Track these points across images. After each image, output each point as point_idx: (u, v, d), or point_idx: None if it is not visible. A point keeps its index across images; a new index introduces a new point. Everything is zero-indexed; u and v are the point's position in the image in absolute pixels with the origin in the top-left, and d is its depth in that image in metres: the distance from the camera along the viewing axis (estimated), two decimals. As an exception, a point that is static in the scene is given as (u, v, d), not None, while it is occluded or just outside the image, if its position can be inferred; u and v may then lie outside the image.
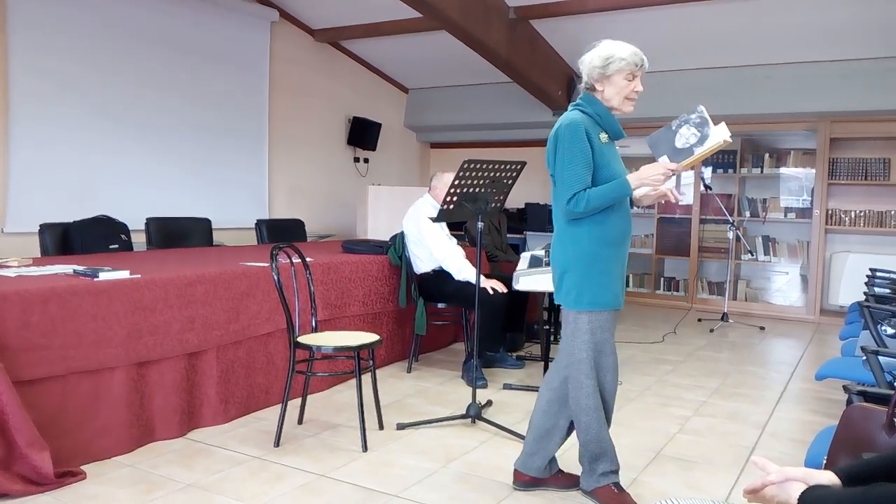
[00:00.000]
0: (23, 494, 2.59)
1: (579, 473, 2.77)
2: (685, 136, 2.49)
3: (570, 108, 2.61)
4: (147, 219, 5.27)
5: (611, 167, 2.52)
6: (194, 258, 4.23)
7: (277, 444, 3.22)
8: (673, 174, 2.51)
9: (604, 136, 2.54)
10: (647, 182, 2.50)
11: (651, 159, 2.60)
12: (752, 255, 7.49)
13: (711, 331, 6.39)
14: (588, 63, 2.55)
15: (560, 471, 2.81)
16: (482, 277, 4.15)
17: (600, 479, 2.65)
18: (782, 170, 7.49)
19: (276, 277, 3.21)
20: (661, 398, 4.18)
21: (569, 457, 2.91)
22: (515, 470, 2.81)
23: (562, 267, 2.60)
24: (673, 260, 8.09)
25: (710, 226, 7.73)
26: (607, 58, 2.50)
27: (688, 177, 7.93)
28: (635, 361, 5.11)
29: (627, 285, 8.15)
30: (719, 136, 2.44)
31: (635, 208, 2.80)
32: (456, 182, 3.47)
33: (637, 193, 2.73)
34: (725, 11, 5.99)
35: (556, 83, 7.57)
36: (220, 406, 3.50)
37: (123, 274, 3.17)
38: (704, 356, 5.38)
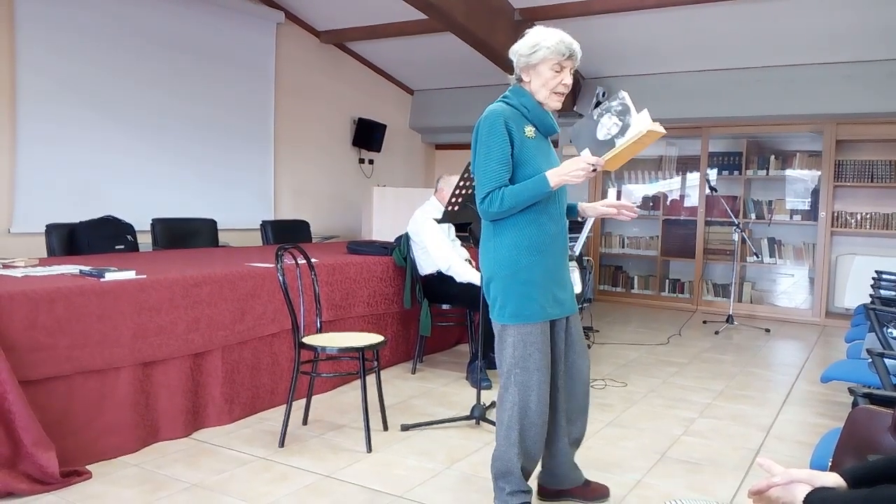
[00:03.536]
0: (29, 493, 2.60)
1: (608, 485, 2.73)
2: (607, 126, 2.26)
3: (497, 100, 2.44)
4: (153, 219, 5.29)
5: (535, 164, 2.34)
6: (200, 259, 4.25)
7: (282, 444, 3.23)
8: (594, 169, 2.29)
9: (530, 131, 2.37)
10: (568, 178, 2.28)
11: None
12: (758, 257, 7.47)
13: (717, 333, 6.38)
14: (516, 51, 2.38)
15: (587, 481, 2.71)
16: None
17: (507, 498, 2.48)
18: (788, 172, 7.48)
19: (281, 278, 3.22)
20: (666, 400, 4.17)
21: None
22: (539, 485, 2.72)
23: (486, 275, 2.44)
24: (678, 262, 8.08)
25: (716, 228, 7.72)
26: (533, 45, 2.33)
27: (693, 178, 7.93)
28: (640, 363, 5.11)
29: (632, 287, 8.21)
30: (641, 125, 2.20)
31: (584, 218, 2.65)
32: (461, 183, 3.48)
33: (588, 210, 2.60)
34: (732, 14, 5.98)
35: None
36: (224, 406, 3.51)
37: (129, 274, 3.18)
38: (709, 358, 5.37)
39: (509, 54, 2.44)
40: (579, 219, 2.70)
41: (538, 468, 2.67)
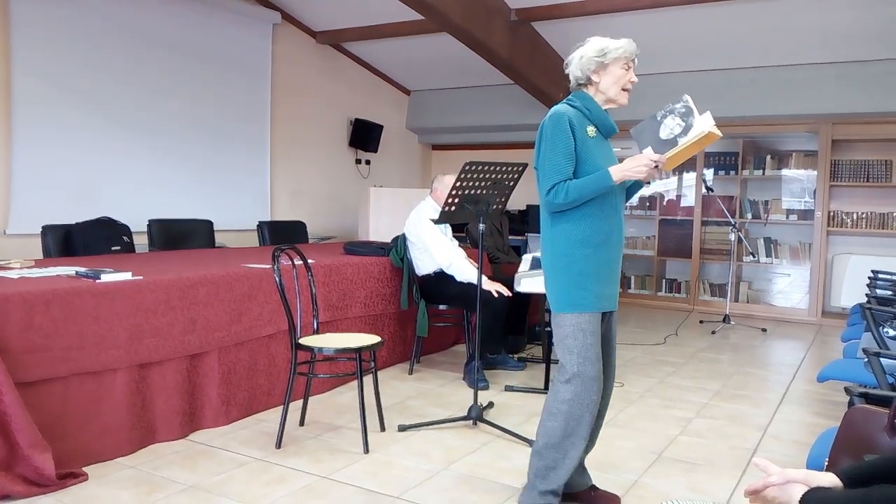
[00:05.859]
0: (25, 496, 2.59)
1: (619, 494, 2.70)
2: (670, 126, 2.41)
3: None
4: (149, 220, 5.27)
5: (595, 162, 2.44)
6: (196, 260, 4.24)
7: (279, 445, 3.22)
8: (657, 166, 2.42)
9: (591, 130, 2.49)
10: (630, 174, 2.39)
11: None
12: (754, 256, 7.48)
13: (713, 332, 6.39)
14: (583, 56, 2.51)
15: (594, 486, 2.69)
16: (486, 280, 4.16)
17: (538, 498, 2.47)
18: (784, 171, 7.49)
19: (277, 279, 3.22)
20: (663, 400, 4.18)
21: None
22: None
23: (545, 269, 2.54)
24: (675, 262, 8.09)
25: (712, 228, 7.74)
26: (603, 48, 2.47)
27: (689, 178, 7.94)
28: (637, 363, 5.11)
29: (629, 286, 8.22)
30: (704, 125, 2.35)
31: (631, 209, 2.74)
32: (457, 184, 3.48)
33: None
34: (727, 14, 5.99)
35: (557, 85, 7.57)
36: (221, 408, 3.50)
37: (125, 276, 3.17)
38: (706, 358, 5.37)
39: (571, 62, 2.54)
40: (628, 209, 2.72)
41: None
